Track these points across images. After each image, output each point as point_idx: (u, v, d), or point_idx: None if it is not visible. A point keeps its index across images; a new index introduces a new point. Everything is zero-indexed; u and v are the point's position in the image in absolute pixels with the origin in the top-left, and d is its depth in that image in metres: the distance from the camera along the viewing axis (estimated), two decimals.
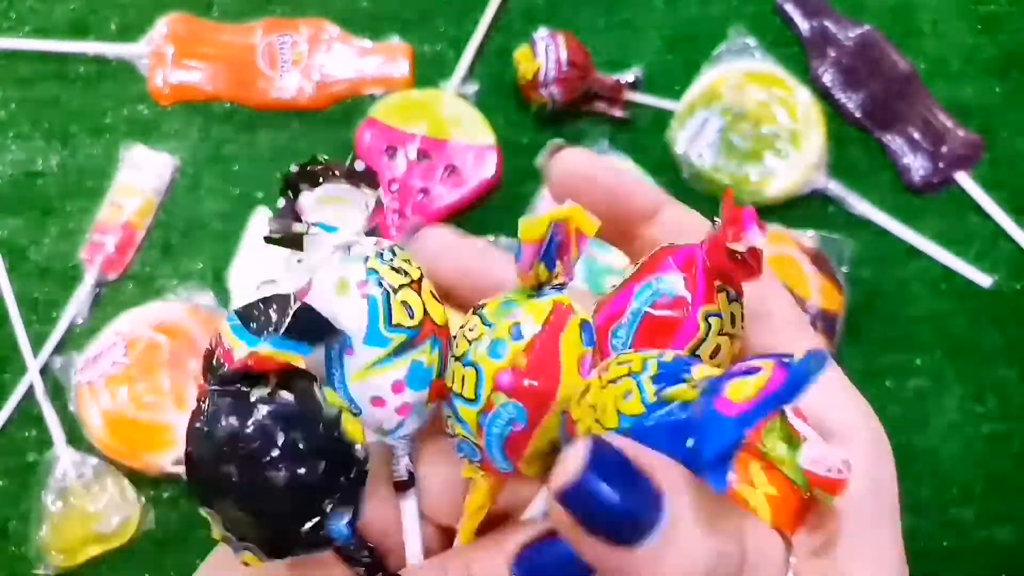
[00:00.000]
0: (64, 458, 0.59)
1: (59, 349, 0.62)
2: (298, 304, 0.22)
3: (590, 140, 0.66)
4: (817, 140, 0.65)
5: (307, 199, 0.23)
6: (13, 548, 0.59)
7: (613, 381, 0.21)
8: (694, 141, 0.65)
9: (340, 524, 0.21)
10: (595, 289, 0.63)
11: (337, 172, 0.23)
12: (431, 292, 0.24)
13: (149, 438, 0.59)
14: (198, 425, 0.20)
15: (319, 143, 0.67)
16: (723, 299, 0.23)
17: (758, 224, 0.21)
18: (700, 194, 0.65)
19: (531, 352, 0.22)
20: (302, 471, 0.20)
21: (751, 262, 0.22)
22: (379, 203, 0.24)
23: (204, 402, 0.21)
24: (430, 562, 0.25)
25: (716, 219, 0.23)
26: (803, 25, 0.69)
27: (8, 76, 0.68)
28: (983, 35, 0.69)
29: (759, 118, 0.65)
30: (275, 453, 0.20)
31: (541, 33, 0.65)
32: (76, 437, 0.60)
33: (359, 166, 0.24)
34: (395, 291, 0.23)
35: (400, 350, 0.23)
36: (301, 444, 0.20)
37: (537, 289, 0.23)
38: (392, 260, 0.23)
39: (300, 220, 0.23)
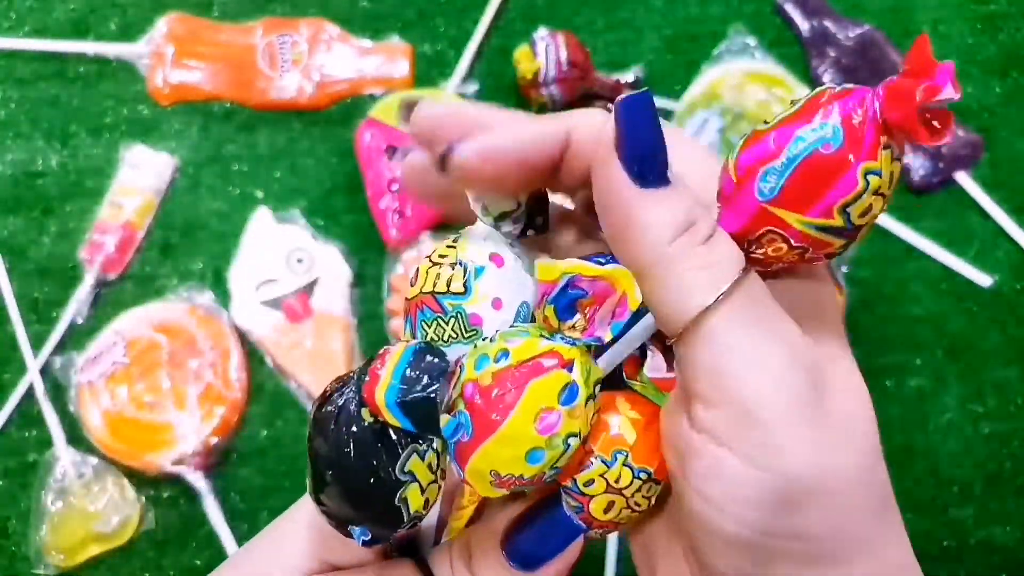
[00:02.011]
0: (64, 458, 0.59)
1: (59, 349, 0.62)
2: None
3: None
4: None
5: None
6: (13, 548, 0.59)
7: None
8: None
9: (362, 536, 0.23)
10: None
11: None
12: (417, 268, 0.26)
13: (149, 438, 0.59)
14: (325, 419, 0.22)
15: (319, 143, 0.67)
16: (886, 157, 0.22)
17: (953, 83, 0.19)
18: None
19: (498, 379, 0.22)
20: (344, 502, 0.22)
21: (940, 124, 0.20)
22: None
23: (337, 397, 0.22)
24: (439, 548, 0.26)
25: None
26: (803, 25, 0.69)
27: (8, 76, 0.68)
28: (983, 35, 0.69)
29: (759, 118, 0.65)
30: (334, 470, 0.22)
31: (541, 33, 0.65)
32: (76, 437, 0.60)
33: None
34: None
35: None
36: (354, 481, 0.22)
37: (553, 333, 0.23)
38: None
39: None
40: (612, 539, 0.59)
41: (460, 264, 0.24)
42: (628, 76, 0.67)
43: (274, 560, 0.27)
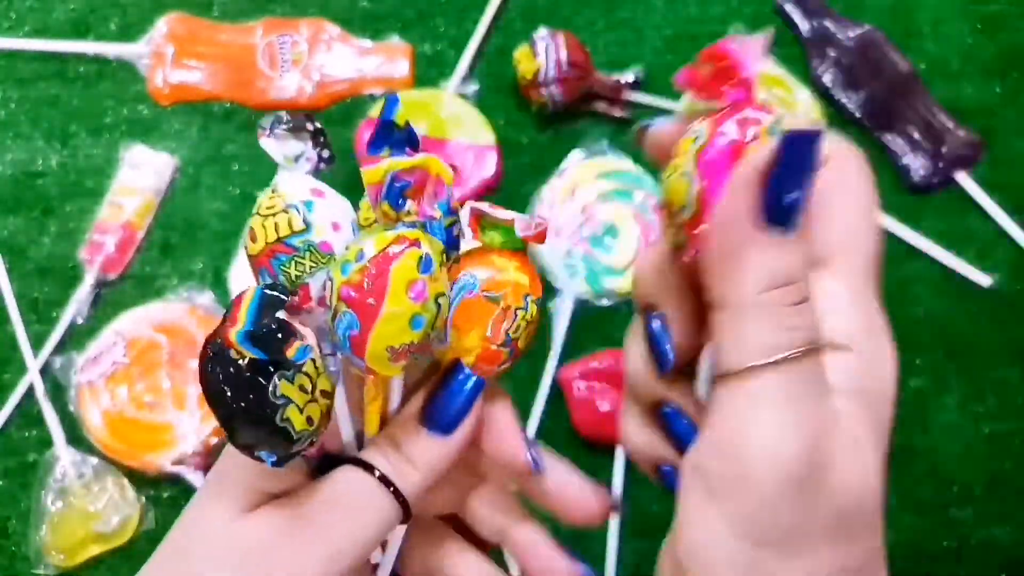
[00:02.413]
0: (64, 458, 0.59)
1: (59, 349, 0.62)
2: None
3: (590, 140, 0.66)
4: None
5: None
6: (13, 548, 0.59)
7: None
8: None
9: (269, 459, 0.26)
10: (595, 289, 0.63)
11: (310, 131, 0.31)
12: (251, 227, 0.29)
13: (149, 438, 0.59)
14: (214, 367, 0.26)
15: None
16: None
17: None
18: None
19: (365, 273, 0.26)
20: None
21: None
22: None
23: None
24: (367, 447, 0.30)
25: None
26: (803, 25, 0.69)
27: (8, 76, 0.68)
28: (983, 35, 0.69)
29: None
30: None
31: (541, 33, 0.65)
32: (76, 437, 0.60)
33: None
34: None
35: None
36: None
37: (394, 224, 0.27)
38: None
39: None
40: (612, 540, 0.59)
41: (291, 207, 0.28)
42: (628, 76, 0.67)
43: (217, 501, 0.29)
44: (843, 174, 0.26)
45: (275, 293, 0.26)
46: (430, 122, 0.65)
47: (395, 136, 0.29)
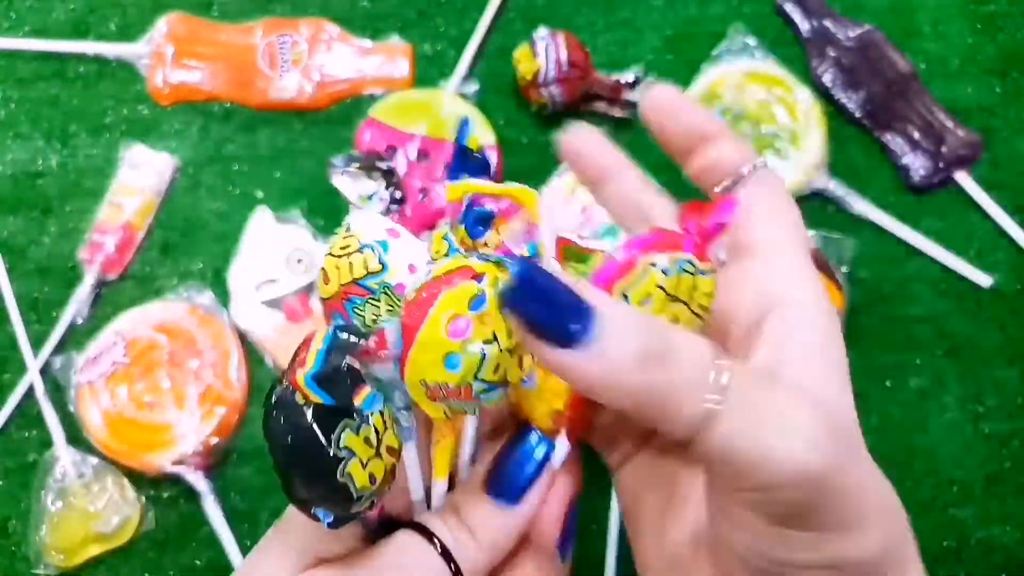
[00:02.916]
0: (64, 458, 0.59)
1: (59, 349, 0.62)
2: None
3: None
4: (817, 140, 0.65)
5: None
6: (13, 548, 0.59)
7: None
8: None
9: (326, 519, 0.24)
10: None
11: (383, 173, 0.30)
12: (323, 268, 0.28)
13: (149, 438, 0.59)
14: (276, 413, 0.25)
15: (319, 143, 0.67)
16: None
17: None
18: (701, 193, 0.65)
19: (419, 292, 0.24)
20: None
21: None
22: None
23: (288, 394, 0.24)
24: (427, 513, 0.28)
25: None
26: (803, 25, 0.69)
27: (8, 76, 0.68)
28: (983, 35, 0.69)
29: (759, 118, 0.65)
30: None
31: (541, 33, 0.65)
32: (76, 437, 0.60)
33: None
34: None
35: None
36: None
37: (470, 252, 0.26)
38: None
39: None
40: (612, 540, 0.59)
41: (365, 247, 0.26)
42: (628, 76, 0.67)
43: (271, 558, 0.27)
44: (769, 191, 0.29)
45: (347, 336, 0.24)
46: (430, 122, 0.65)
47: (471, 162, 0.28)
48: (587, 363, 0.22)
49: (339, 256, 0.27)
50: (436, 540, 0.27)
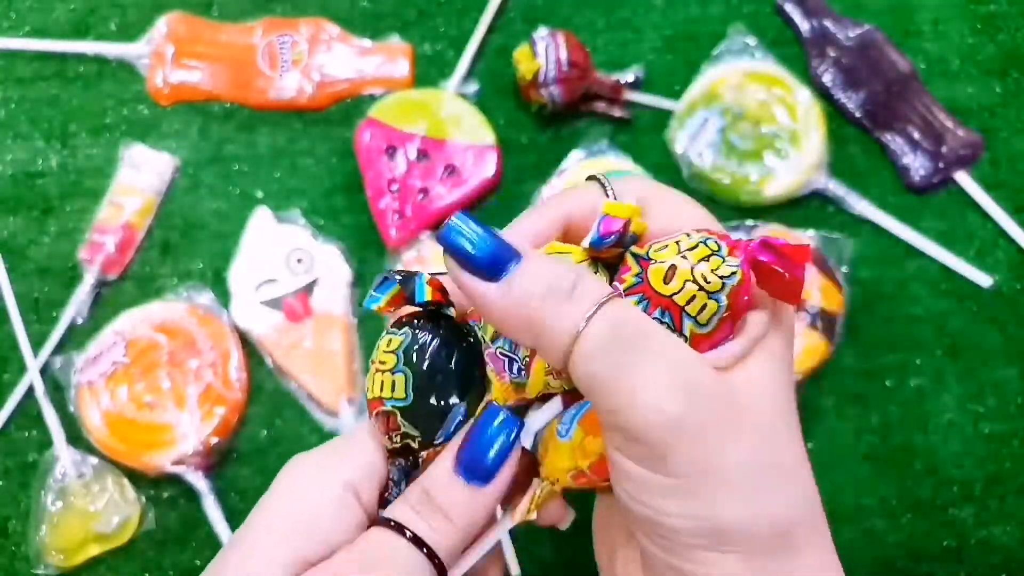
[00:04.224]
0: (64, 458, 0.59)
1: (59, 349, 0.62)
2: None
3: (590, 140, 0.66)
4: (817, 140, 0.65)
5: None
6: (13, 548, 0.59)
7: None
8: (694, 141, 0.65)
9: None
10: None
11: None
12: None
13: (149, 438, 0.59)
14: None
15: (319, 143, 0.67)
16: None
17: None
18: (700, 194, 0.65)
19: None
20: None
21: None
22: None
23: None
24: (399, 504, 0.29)
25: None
26: (803, 25, 0.69)
27: (8, 76, 0.68)
28: (983, 35, 0.69)
29: (759, 118, 0.65)
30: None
31: (541, 33, 0.65)
32: (76, 437, 0.60)
33: None
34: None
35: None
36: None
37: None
38: None
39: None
40: None
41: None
42: (628, 76, 0.67)
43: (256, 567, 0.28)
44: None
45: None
46: (430, 122, 0.65)
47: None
48: (498, 294, 0.26)
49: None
50: (407, 531, 0.27)
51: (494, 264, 0.26)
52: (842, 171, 0.65)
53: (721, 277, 0.26)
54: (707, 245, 0.27)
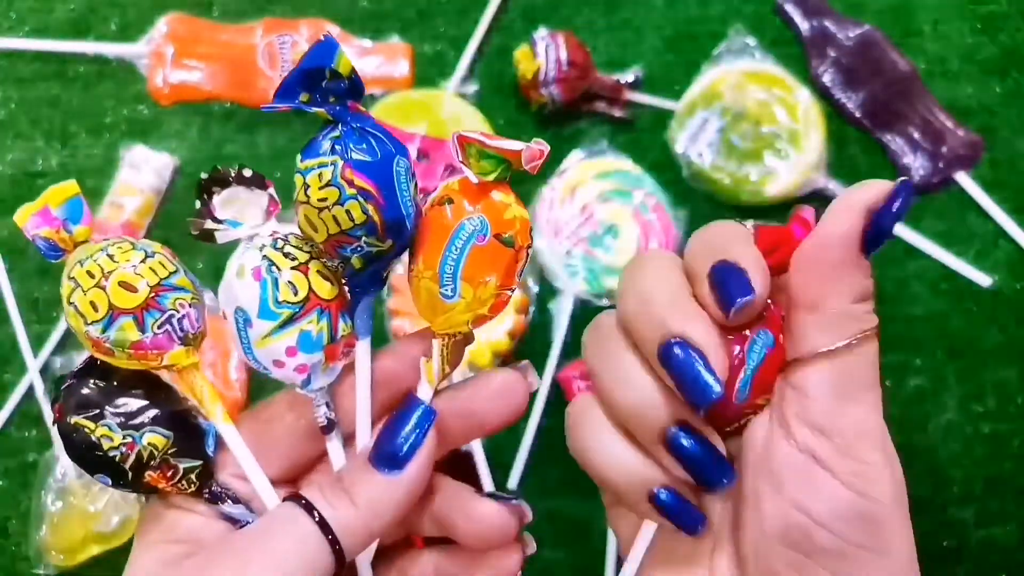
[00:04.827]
0: (64, 458, 0.59)
1: (59, 349, 0.62)
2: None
3: (590, 140, 0.66)
4: (817, 140, 0.65)
5: (217, 201, 0.29)
6: (13, 548, 0.59)
7: None
8: (694, 141, 0.65)
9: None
10: (595, 289, 0.63)
11: (234, 177, 0.29)
12: (318, 271, 0.28)
13: None
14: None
15: None
16: None
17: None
18: (700, 194, 0.65)
19: None
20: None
21: None
22: (272, 199, 0.29)
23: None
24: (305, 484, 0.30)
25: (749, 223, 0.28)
26: (803, 25, 0.69)
27: (8, 76, 0.68)
28: (983, 35, 0.69)
29: (759, 118, 0.65)
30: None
31: (541, 33, 0.65)
32: None
33: (247, 172, 0.29)
34: (281, 273, 0.28)
35: (288, 322, 0.28)
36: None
37: None
38: (284, 246, 0.28)
39: (213, 219, 0.29)
40: (612, 540, 0.58)
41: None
42: (628, 76, 0.67)
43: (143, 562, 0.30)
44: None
45: None
46: (430, 122, 0.65)
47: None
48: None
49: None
50: (316, 513, 0.27)
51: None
52: (842, 171, 0.65)
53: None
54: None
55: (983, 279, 0.64)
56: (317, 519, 0.27)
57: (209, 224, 0.29)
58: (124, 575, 0.29)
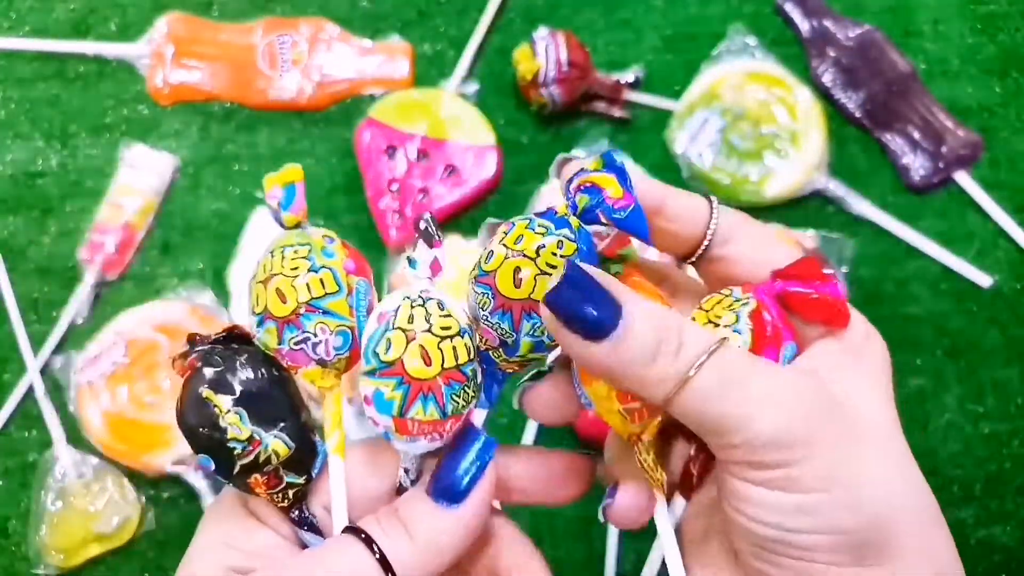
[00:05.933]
0: (64, 458, 0.59)
1: (59, 349, 0.62)
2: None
3: (590, 140, 0.66)
4: (817, 140, 0.65)
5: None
6: (13, 548, 0.59)
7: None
8: (694, 141, 0.65)
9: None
10: None
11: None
12: (422, 345, 0.27)
13: (149, 438, 0.59)
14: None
15: (319, 143, 0.67)
16: None
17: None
18: (700, 194, 0.65)
19: None
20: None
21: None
22: (436, 261, 0.29)
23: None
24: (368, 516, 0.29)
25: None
26: (803, 25, 0.69)
27: (8, 76, 0.68)
28: (983, 35, 0.69)
29: (759, 118, 0.65)
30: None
31: (541, 33, 0.65)
32: (76, 437, 0.60)
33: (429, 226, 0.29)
34: (392, 328, 0.27)
35: (370, 373, 0.28)
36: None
37: None
38: (417, 307, 0.28)
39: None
40: (612, 540, 0.58)
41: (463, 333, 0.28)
42: (628, 76, 0.67)
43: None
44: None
45: None
46: (430, 122, 0.65)
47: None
48: (609, 355, 0.25)
49: (441, 338, 0.28)
50: (376, 547, 0.26)
51: (599, 327, 0.25)
52: (842, 171, 0.65)
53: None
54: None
55: (983, 279, 0.64)
56: (378, 555, 0.26)
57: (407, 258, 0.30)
58: (183, 566, 0.29)
